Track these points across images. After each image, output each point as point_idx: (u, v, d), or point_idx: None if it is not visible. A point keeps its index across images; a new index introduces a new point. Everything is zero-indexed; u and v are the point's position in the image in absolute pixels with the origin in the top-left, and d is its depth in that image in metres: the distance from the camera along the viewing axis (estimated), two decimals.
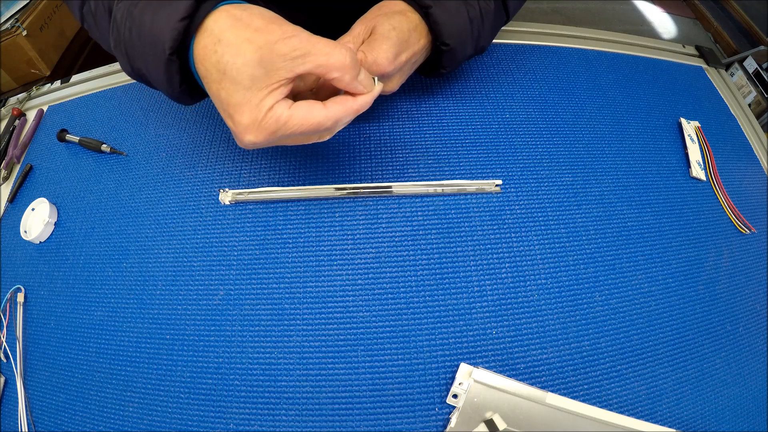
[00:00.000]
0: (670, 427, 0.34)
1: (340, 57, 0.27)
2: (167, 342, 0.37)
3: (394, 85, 0.37)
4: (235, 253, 0.39)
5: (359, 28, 0.35)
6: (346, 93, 0.30)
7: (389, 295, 0.36)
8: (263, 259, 0.39)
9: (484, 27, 0.37)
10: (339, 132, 0.44)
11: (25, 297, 0.43)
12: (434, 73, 0.40)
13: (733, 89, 0.56)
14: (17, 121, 0.57)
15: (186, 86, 0.30)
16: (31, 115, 0.58)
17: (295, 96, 0.29)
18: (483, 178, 0.41)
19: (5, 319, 0.42)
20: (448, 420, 0.32)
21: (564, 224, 0.40)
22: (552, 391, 0.33)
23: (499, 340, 0.35)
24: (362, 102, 0.30)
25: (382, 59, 0.33)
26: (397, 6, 0.36)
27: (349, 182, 0.41)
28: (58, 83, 0.61)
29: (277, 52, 0.25)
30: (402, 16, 0.35)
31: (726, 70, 0.58)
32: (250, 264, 0.39)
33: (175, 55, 0.27)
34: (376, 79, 0.32)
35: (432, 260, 0.38)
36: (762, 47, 1.56)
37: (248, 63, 0.25)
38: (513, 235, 0.39)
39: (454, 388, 0.33)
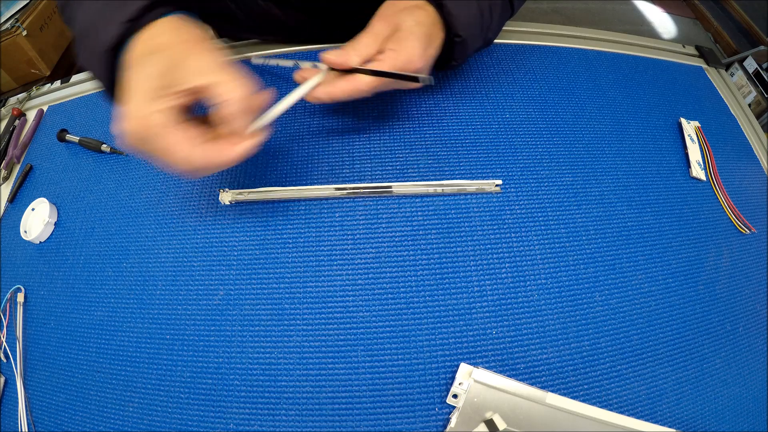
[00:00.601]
0: (670, 427, 0.34)
1: (237, 92, 0.27)
2: (167, 342, 0.37)
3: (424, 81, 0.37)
4: (235, 253, 0.39)
5: (380, 25, 0.35)
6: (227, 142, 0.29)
7: (389, 295, 0.36)
8: (263, 259, 0.39)
9: (493, 20, 0.39)
10: (339, 132, 0.45)
11: (25, 297, 0.43)
12: (445, 66, 0.40)
13: (733, 89, 0.56)
14: (17, 121, 0.57)
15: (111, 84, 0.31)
16: (31, 115, 0.58)
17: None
18: (483, 178, 0.41)
19: (5, 319, 0.42)
20: (448, 420, 0.32)
21: (564, 224, 0.40)
22: (552, 391, 0.33)
23: (499, 340, 0.35)
24: (237, 153, 0.28)
25: (414, 56, 0.33)
26: (413, 1, 0.36)
27: (349, 182, 0.41)
28: (58, 83, 0.61)
29: (188, 65, 0.27)
30: (422, 10, 0.35)
31: (726, 70, 0.58)
32: (250, 264, 0.39)
33: (111, 53, 0.30)
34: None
35: (432, 260, 0.38)
36: (762, 47, 1.56)
37: (163, 60, 0.27)
38: (513, 235, 0.39)
39: (454, 388, 0.33)
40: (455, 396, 0.33)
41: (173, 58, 0.27)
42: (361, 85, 0.34)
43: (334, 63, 0.34)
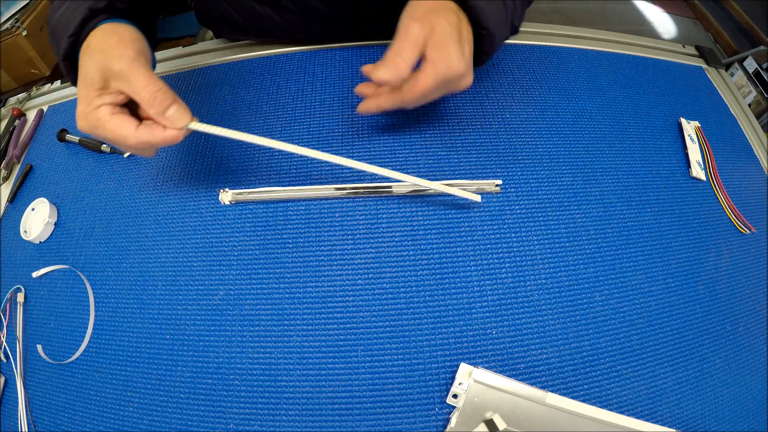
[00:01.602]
0: (670, 427, 0.34)
1: (144, 93, 0.32)
2: (167, 342, 0.37)
3: (469, 80, 0.36)
4: (235, 253, 0.39)
5: (416, 28, 0.34)
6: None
7: (389, 295, 0.36)
8: (263, 259, 0.39)
9: (516, 6, 0.39)
10: (339, 132, 0.45)
11: (25, 297, 0.43)
12: (477, 62, 0.38)
13: (733, 89, 0.56)
14: (17, 121, 0.57)
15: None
16: (31, 115, 0.58)
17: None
18: (483, 178, 0.41)
19: (5, 319, 0.42)
20: (448, 420, 0.32)
21: (564, 224, 0.40)
22: (552, 391, 0.33)
23: (499, 340, 0.35)
24: (168, 135, 0.33)
25: (455, 61, 0.34)
26: (439, 1, 0.35)
27: (349, 182, 0.41)
28: (58, 83, 0.61)
29: (111, 68, 0.32)
30: (450, 11, 0.35)
31: (726, 70, 0.58)
32: (250, 264, 0.39)
33: (67, 60, 0.36)
34: (191, 118, 0.34)
35: (432, 260, 0.38)
36: (762, 47, 1.56)
37: (93, 68, 0.32)
38: (513, 235, 0.39)
39: (454, 388, 0.33)
40: (455, 396, 0.33)
41: (101, 64, 0.32)
42: (409, 95, 0.35)
43: (389, 81, 0.34)
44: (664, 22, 1.89)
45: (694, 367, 0.36)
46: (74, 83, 0.37)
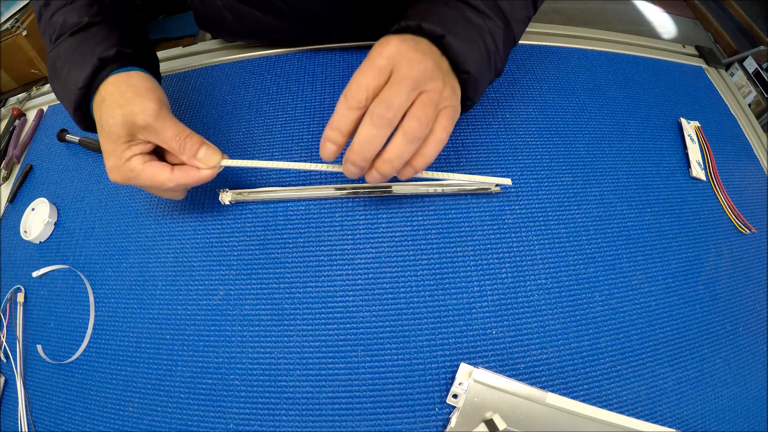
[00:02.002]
0: (670, 427, 0.34)
1: (173, 143, 0.33)
2: (167, 342, 0.37)
3: (449, 99, 0.33)
4: (235, 253, 0.39)
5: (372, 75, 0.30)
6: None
7: (389, 295, 0.36)
8: (263, 259, 0.39)
9: (498, 48, 0.36)
10: None
11: (25, 297, 0.43)
12: (462, 108, 0.36)
13: (733, 89, 0.56)
14: (17, 121, 0.57)
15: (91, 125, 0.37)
16: (31, 115, 0.58)
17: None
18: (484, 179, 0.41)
19: (5, 319, 0.42)
20: (448, 420, 0.32)
21: (564, 224, 0.40)
22: (552, 391, 0.33)
23: (499, 340, 0.35)
24: (203, 175, 0.35)
25: (418, 59, 0.31)
26: (407, 36, 0.32)
27: (349, 182, 0.41)
28: None
29: (135, 123, 0.32)
30: (422, 59, 0.31)
31: (726, 70, 0.58)
32: (250, 264, 0.39)
33: (79, 111, 0.35)
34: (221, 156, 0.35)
35: (432, 260, 0.38)
36: (762, 47, 1.56)
37: (116, 123, 0.32)
38: (513, 235, 0.39)
39: (454, 388, 0.33)
40: (455, 396, 0.33)
41: (125, 117, 0.32)
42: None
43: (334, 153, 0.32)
44: (664, 22, 1.89)
45: (694, 367, 0.36)
46: (87, 130, 0.37)
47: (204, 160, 0.34)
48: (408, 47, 0.30)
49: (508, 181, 0.39)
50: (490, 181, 0.39)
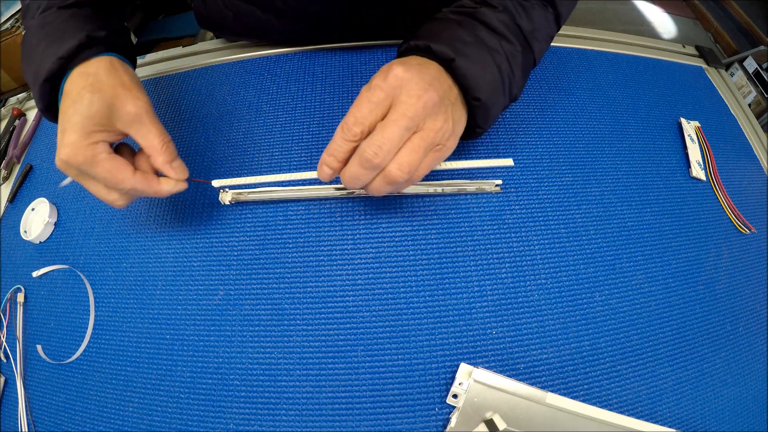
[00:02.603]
0: (670, 427, 0.34)
1: (157, 141, 0.32)
2: (167, 342, 0.37)
3: (440, 124, 0.31)
4: (235, 253, 0.39)
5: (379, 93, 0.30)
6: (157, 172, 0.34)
7: (389, 295, 0.36)
8: (263, 259, 0.39)
9: (514, 72, 0.33)
10: None
11: (25, 297, 0.43)
12: (469, 135, 0.35)
13: (733, 89, 0.56)
14: (17, 121, 0.57)
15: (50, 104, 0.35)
16: (31, 115, 0.58)
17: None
18: (483, 178, 0.41)
19: (5, 319, 0.42)
20: (448, 420, 0.32)
21: (564, 224, 0.40)
22: (552, 391, 0.33)
23: (499, 340, 0.35)
24: (164, 188, 0.34)
25: (400, 70, 0.30)
26: (414, 60, 0.31)
27: None
28: None
29: (124, 108, 0.31)
30: (430, 84, 0.30)
31: (726, 70, 0.58)
32: (250, 264, 0.39)
33: (48, 83, 0.33)
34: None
35: (432, 260, 0.38)
36: (762, 47, 1.56)
37: (96, 102, 0.30)
38: (513, 235, 0.39)
39: (454, 388, 0.33)
40: (455, 396, 0.33)
41: (109, 101, 0.31)
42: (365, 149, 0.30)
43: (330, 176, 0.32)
44: (664, 22, 1.89)
45: (694, 367, 0.36)
46: (46, 110, 0.35)
47: (178, 170, 0.34)
48: (411, 76, 0.29)
49: (509, 162, 0.36)
50: (491, 165, 0.37)
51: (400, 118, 0.28)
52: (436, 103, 0.29)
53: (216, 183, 0.38)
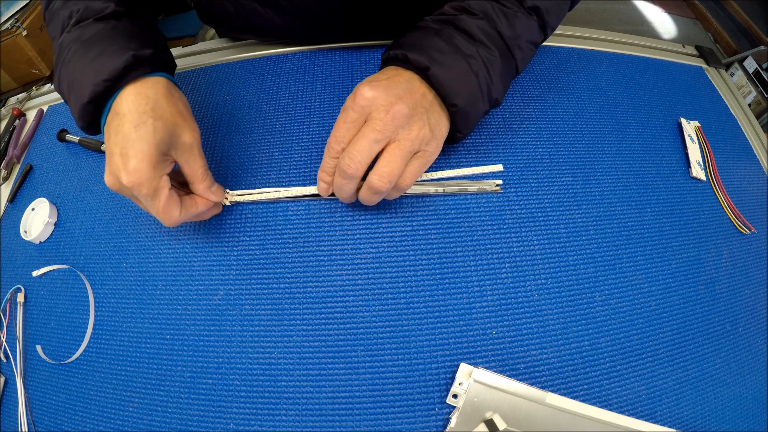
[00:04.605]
0: (670, 427, 0.34)
1: (201, 170, 0.35)
2: (167, 342, 0.37)
3: (417, 132, 0.33)
4: (235, 253, 0.39)
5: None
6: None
7: (389, 295, 0.36)
8: (263, 259, 0.39)
9: (492, 78, 0.34)
10: None
11: (25, 297, 0.43)
12: (450, 140, 0.36)
13: (733, 89, 0.56)
14: (17, 121, 0.57)
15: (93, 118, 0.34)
16: (31, 115, 0.58)
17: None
18: (483, 178, 0.41)
19: (5, 319, 0.42)
20: (448, 420, 0.32)
21: (564, 224, 0.40)
22: (552, 391, 0.33)
23: (499, 340, 0.35)
24: (206, 217, 0.38)
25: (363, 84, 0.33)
26: (383, 75, 0.33)
27: None
28: None
29: (181, 138, 0.32)
30: (406, 96, 0.32)
31: (726, 70, 0.58)
32: (250, 264, 0.39)
33: (92, 105, 0.32)
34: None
35: (432, 260, 0.38)
36: (762, 47, 1.56)
37: (163, 128, 0.31)
38: (513, 235, 0.39)
39: (454, 388, 0.33)
40: (455, 396, 0.33)
41: (170, 129, 0.32)
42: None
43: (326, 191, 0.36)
44: (664, 22, 1.89)
45: (694, 367, 0.36)
46: (88, 128, 0.34)
47: (216, 194, 0.36)
48: (378, 94, 0.31)
49: (499, 168, 0.37)
50: (481, 172, 0.38)
51: (369, 132, 0.31)
52: (405, 115, 0.31)
53: (227, 201, 0.40)
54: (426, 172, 0.38)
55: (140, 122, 0.30)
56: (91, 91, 0.31)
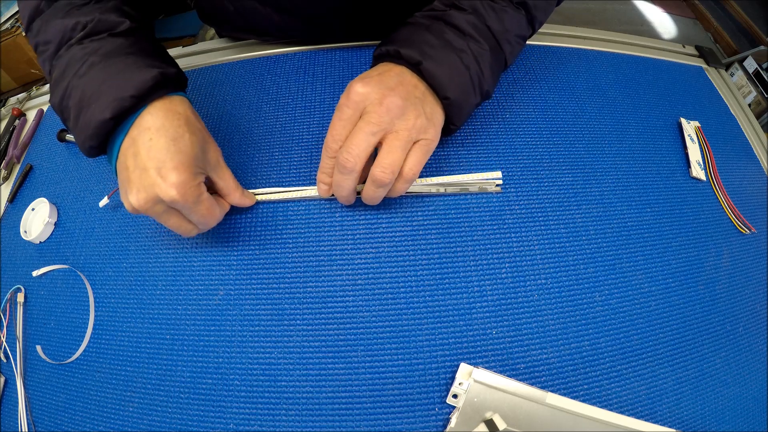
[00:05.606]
0: (670, 427, 0.34)
1: (232, 183, 0.37)
2: (167, 342, 0.37)
3: (412, 122, 0.34)
4: (235, 253, 0.39)
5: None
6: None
7: (389, 295, 0.36)
8: (263, 259, 0.39)
9: (483, 71, 0.35)
10: None
11: (25, 297, 0.43)
12: (444, 133, 0.37)
13: (733, 89, 0.56)
14: (17, 121, 0.57)
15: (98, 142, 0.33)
16: (31, 115, 0.58)
17: None
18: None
19: (5, 319, 0.42)
20: (448, 420, 0.32)
21: (564, 224, 0.40)
22: (552, 391, 0.33)
23: (499, 340, 0.35)
24: (227, 207, 0.38)
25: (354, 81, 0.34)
26: (375, 72, 0.34)
27: None
28: None
29: (209, 153, 0.34)
30: (398, 90, 0.33)
31: (726, 70, 0.58)
32: (250, 264, 0.39)
33: (113, 121, 0.31)
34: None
35: (432, 260, 0.38)
36: (762, 47, 1.56)
37: (198, 142, 0.32)
38: (513, 235, 0.39)
39: (454, 388, 0.33)
40: (455, 396, 0.33)
41: (202, 145, 0.33)
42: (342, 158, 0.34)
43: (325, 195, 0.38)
44: (664, 22, 1.89)
45: (694, 367, 0.36)
46: (97, 148, 0.33)
47: (248, 199, 0.39)
48: (371, 89, 0.32)
49: (497, 174, 0.39)
50: (480, 179, 0.39)
51: (365, 125, 0.31)
52: (399, 106, 0.31)
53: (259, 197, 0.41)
54: (424, 177, 0.39)
55: (178, 135, 0.31)
56: (115, 106, 0.30)
